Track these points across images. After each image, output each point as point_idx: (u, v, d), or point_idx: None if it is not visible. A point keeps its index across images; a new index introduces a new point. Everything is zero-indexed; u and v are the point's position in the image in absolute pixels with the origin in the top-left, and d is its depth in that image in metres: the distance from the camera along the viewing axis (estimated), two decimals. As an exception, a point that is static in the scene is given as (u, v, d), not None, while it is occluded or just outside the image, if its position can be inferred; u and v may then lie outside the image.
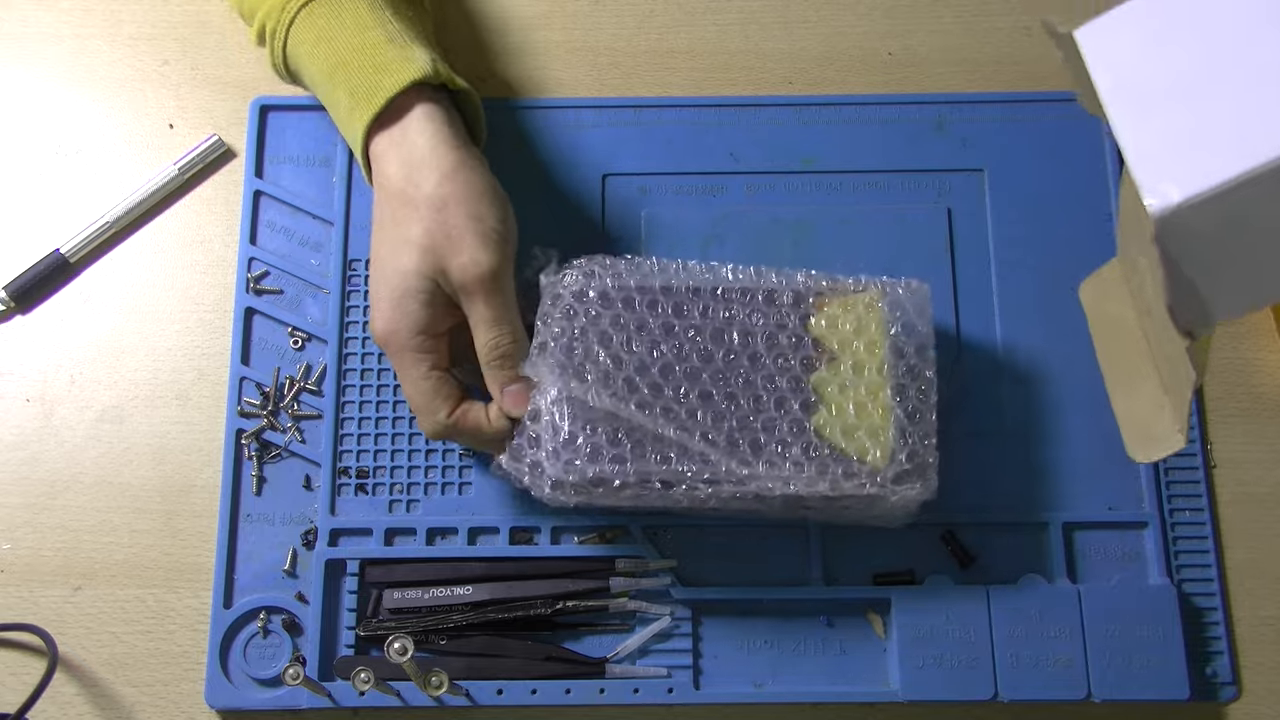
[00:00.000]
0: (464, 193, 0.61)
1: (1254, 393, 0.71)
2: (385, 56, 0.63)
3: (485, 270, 0.60)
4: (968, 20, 0.78)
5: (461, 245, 0.60)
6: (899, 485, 0.62)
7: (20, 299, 0.72)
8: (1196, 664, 0.66)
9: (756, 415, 0.62)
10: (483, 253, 0.60)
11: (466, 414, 0.63)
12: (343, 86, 0.63)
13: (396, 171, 0.62)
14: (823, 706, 0.66)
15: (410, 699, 0.64)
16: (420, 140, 0.62)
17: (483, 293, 0.61)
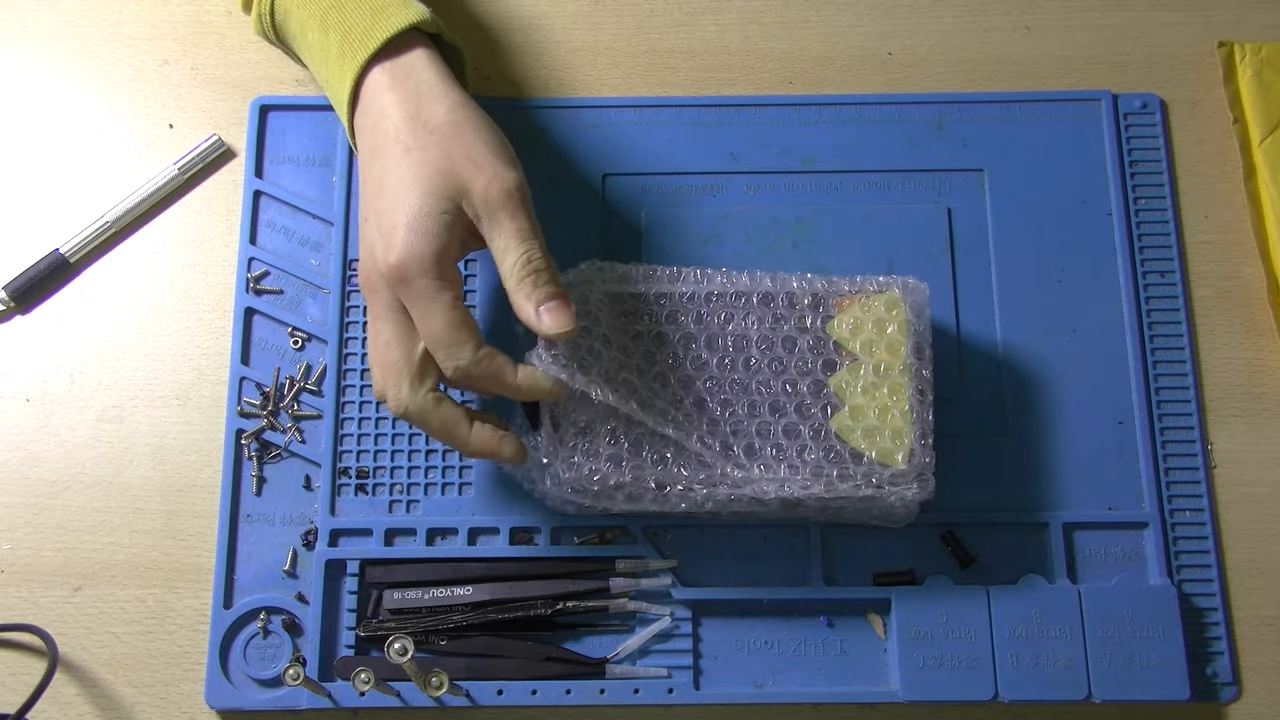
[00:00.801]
0: (478, 120, 0.61)
1: (1254, 393, 0.71)
2: (379, 2, 0.63)
3: (511, 184, 0.60)
4: (968, 20, 0.78)
5: (483, 164, 0.60)
6: (895, 486, 0.62)
7: (20, 299, 0.72)
8: (1196, 664, 0.66)
9: (751, 419, 0.63)
10: (507, 169, 0.60)
11: (494, 356, 0.59)
12: (336, 29, 0.63)
13: (398, 106, 0.61)
14: (823, 707, 0.66)
15: (410, 699, 0.64)
16: (426, 75, 0.62)
17: (510, 207, 0.59)
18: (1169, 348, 0.71)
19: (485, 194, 0.59)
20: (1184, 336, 0.71)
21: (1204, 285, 0.73)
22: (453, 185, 0.59)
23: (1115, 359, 0.71)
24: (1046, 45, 0.78)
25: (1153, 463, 0.69)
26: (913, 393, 0.63)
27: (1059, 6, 0.78)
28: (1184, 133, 0.75)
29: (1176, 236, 0.73)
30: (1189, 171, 0.75)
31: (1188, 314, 0.72)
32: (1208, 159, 0.75)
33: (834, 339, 0.65)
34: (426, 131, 0.60)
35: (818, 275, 0.66)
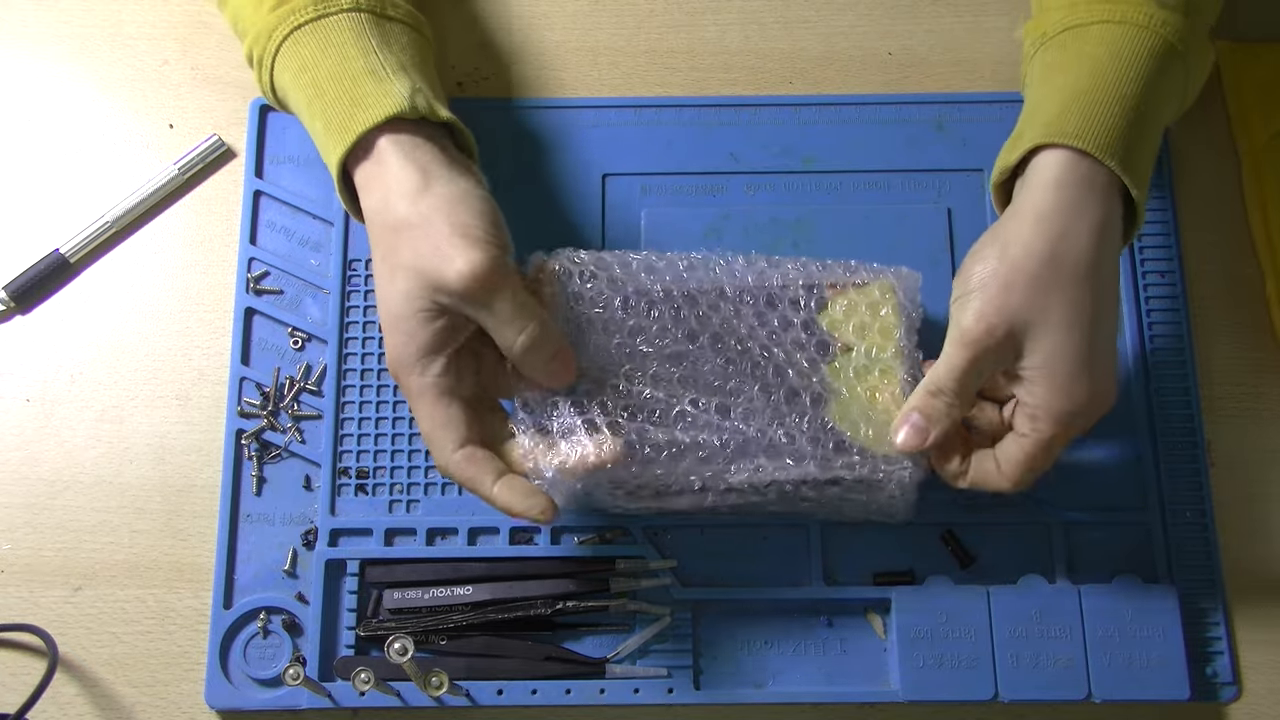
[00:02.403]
0: (439, 204, 0.59)
1: (1254, 393, 0.71)
2: (362, 90, 0.61)
3: (482, 269, 0.58)
4: (968, 20, 0.78)
5: (450, 255, 0.58)
6: (890, 465, 0.61)
7: (20, 299, 0.72)
8: (1196, 664, 0.66)
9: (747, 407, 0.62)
10: (475, 253, 0.58)
11: (470, 462, 0.59)
12: (319, 118, 0.62)
13: (374, 204, 0.61)
14: (823, 706, 0.66)
15: (410, 699, 0.64)
16: (394, 168, 0.60)
17: (488, 293, 0.58)
18: (1169, 347, 0.71)
19: (460, 284, 0.58)
20: (1184, 336, 0.71)
21: (1204, 285, 0.73)
22: (424, 283, 0.58)
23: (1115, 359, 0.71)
24: (1046, 45, 0.77)
25: (1152, 463, 0.69)
26: (905, 377, 0.63)
27: (1059, 6, 0.78)
28: (1184, 133, 0.75)
29: (1176, 236, 0.73)
30: (1189, 171, 0.75)
31: (1187, 314, 0.72)
32: (1208, 159, 0.75)
33: (826, 325, 0.64)
34: (392, 232, 0.59)
35: (812, 259, 0.66)
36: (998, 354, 0.59)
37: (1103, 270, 0.58)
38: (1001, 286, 0.58)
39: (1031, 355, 0.58)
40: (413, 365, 0.59)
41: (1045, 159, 0.59)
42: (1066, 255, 0.58)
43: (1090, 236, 0.58)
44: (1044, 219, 0.58)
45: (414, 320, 0.59)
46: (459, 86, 0.76)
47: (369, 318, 0.71)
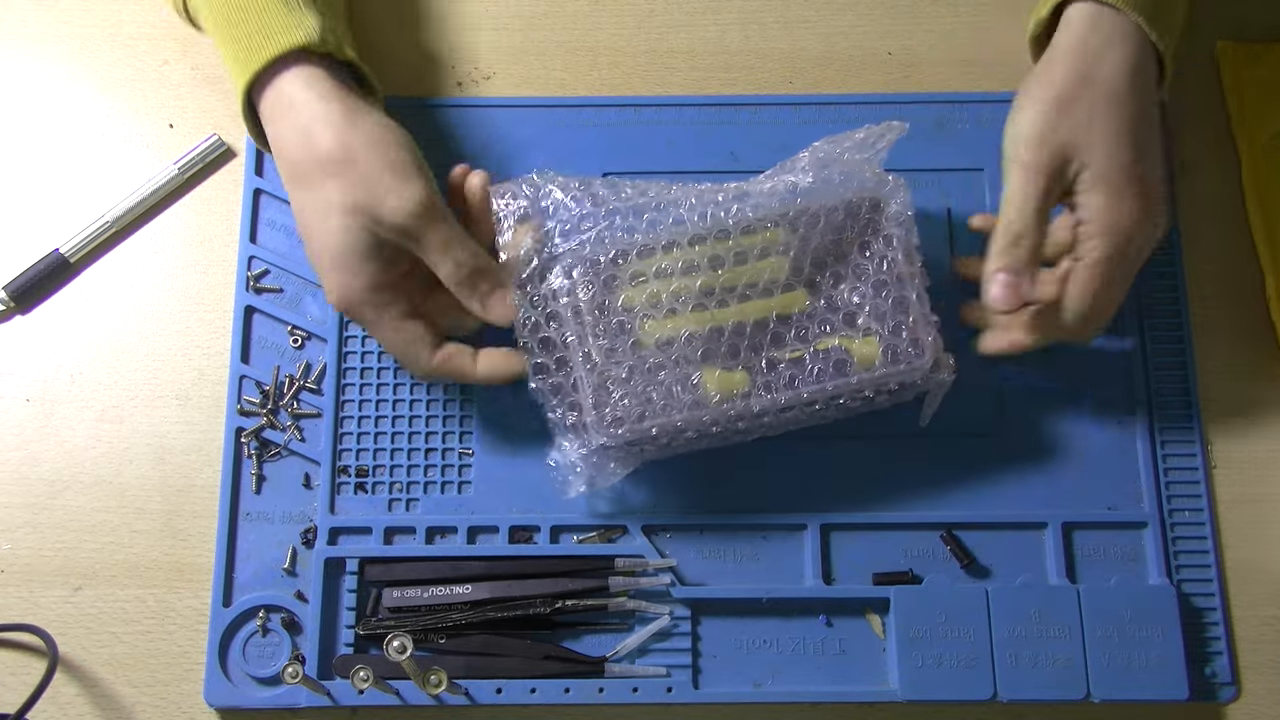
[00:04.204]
0: (366, 138, 0.60)
1: (1253, 393, 0.71)
2: (271, 18, 0.62)
3: (417, 203, 0.60)
4: (968, 20, 0.78)
5: (383, 189, 0.59)
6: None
7: (20, 299, 0.72)
8: (1196, 664, 0.66)
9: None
10: (408, 187, 0.60)
11: (450, 358, 0.63)
12: (229, 43, 0.63)
13: (290, 136, 0.61)
14: (822, 706, 0.66)
15: (409, 697, 0.64)
16: (305, 100, 0.61)
17: (425, 224, 0.60)
18: (1169, 348, 0.71)
19: (395, 218, 0.60)
20: (1184, 337, 0.71)
21: (1204, 285, 0.73)
22: (359, 218, 0.60)
23: (1115, 359, 0.71)
24: (1046, 45, 0.77)
25: (1152, 463, 0.69)
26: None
27: (1059, 6, 0.78)
28: (1184, 133, 0.75)
29: (1176, 236, 0.73)
30: (1189, 172, 0.75)
31: (1188, 314, 0.72)
32: (1208, 159, 0.75)
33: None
34: (319, 166, 0.60)
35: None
36: (1060, 179, 0.62)
37: (1140, 98, 0.63)
38: (1049, 110, 0.62)
39: (1086, 170, 0.61)
40: (365, 300, 0.61)
41: (1075, 11, 0.64)
42: (1102, 79, 0.62)
43: (1123, 65, 0.63)
44: (1077, 52, 0.63)
45: (358, 257, 0.61)
46: (459, 86, 0.76)
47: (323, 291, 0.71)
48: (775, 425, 0.65)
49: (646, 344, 0.62)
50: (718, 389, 0.62)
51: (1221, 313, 0.72)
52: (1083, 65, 0.62)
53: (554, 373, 0.63)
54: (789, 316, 0.64)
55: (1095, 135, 0.61)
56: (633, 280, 0.63)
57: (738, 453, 0.69)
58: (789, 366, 0.63)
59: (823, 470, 0.69)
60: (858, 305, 0.64)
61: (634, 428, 0.62)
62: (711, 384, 0.62)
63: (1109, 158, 0.61)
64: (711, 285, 0.63)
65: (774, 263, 0.64)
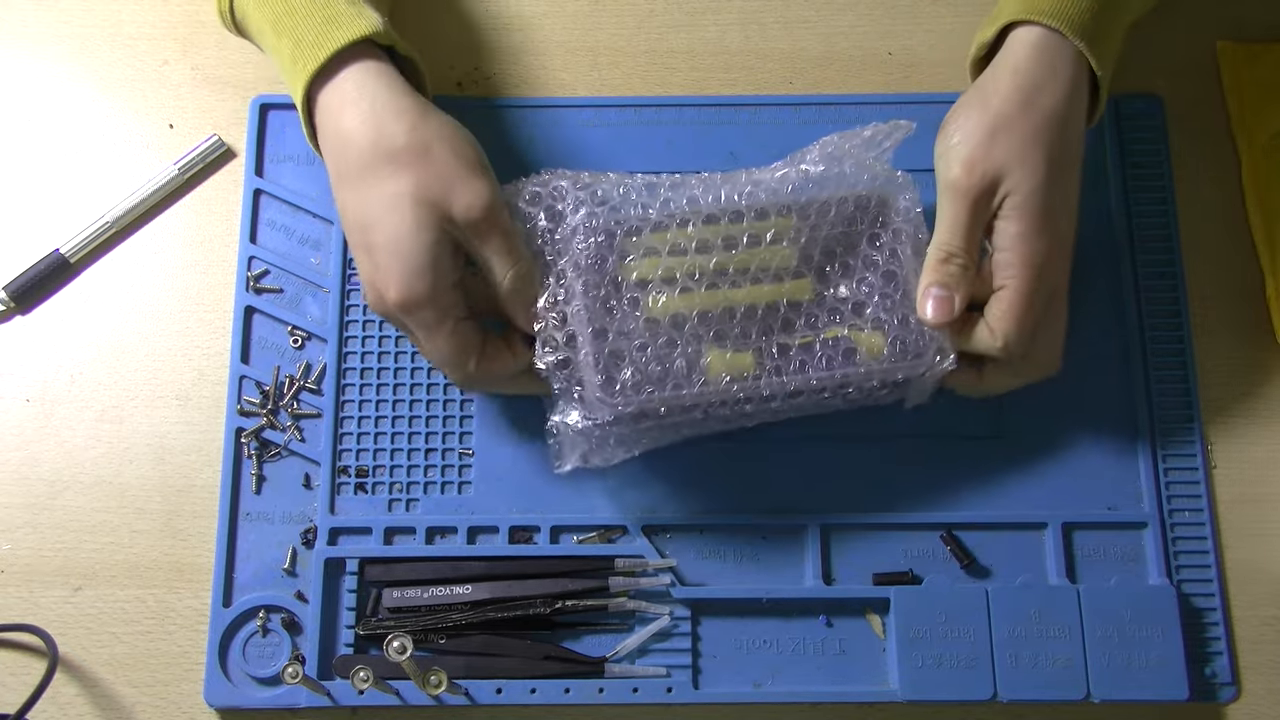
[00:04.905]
0: (440, 133, 0.60)
1: (1253, 393, 0.71)
2: (336, 9, 0.61)
3: (489, 202, 0.59)
4: (968, 20, 0.78)
5: (458, 185, 0.59)
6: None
7: (20, 299, 0.72)
8: (1196, 664, 0.66)
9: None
10: (480, 183, 0.59)
11: (493, 358, 0.62)
12: (289, 35, 0.62)
13: (358, 125, 0.60)
14: (822, 706, 0.66)
15: (409, 698, 0.64)
16: (375, 90, 0.60)
17: (492, 225, 0.60)
18: (1169, 348, 0.71)
19: (468, 216, 0.59)
20: (1184, 337, 0.71)
21: (1204, 285, 0.73)
22: (433, 213, 0.59)
23: (1115, 359, 0.71)
24: (1046, 45, 0.77)
25: (1152, 463, 0.69)
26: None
27: (1058, 6, 0.78)
28: (1184, 133, 0.75)
29: (1176, 236, 0.73)
30: (1189, 171, 0.75)
31: (1188, 314, 0.72)
32: (1208, 159, 0.75)
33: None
34: (390, 158, 0.59)
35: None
36: (987, 201, 0.62)
37: (1074, 130, 0.63)
38: (985, 134, 0.62)
39: (1011, 196, 0.61)
40: (430, 300, 0.60)
41: (1020, 34, 0.64)
42: (1042, 105, 0.62)
43: (1062, 91, 0.63)
44: (1020, 74, 0.63)
45: (429, 253, 0.59)
46: (459, 86, 0.76)
47: (369, 316, 0.71)
48: (781, 410, 0.64)
49: (656, 319, 0.62)
50: (725, 369, 0.62)
51: (1221, 313, 0.72)
52: (1024, 90, 0.62)
53: (563, 347, 0.62)
54: (798, 304, 0.63)
55: (1026, 164, 0.61)
56: (645, 255, 0.63)
57: (738, 453, 0.69)
58: (798, 352, 0.63)
59: (823, 470, 0.69)
60: (866, 296, 0.64)
61: (637, 400, 0.61)
62: (719, 364, 0.62)
63: (1033, 191, 0.61)
64: (725, 265, 0.63)
65: (784, 250, 0.63)
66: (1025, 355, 0.63)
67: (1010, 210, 0.62)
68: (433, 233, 0.59)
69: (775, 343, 0.63)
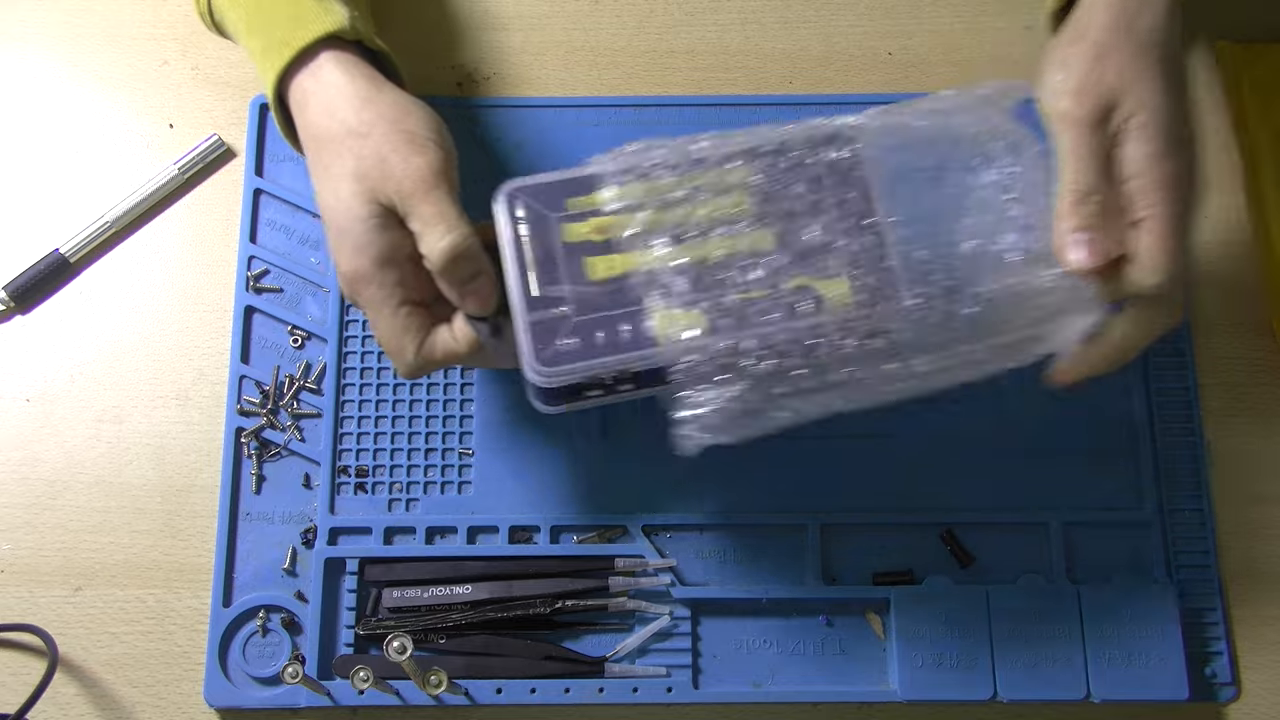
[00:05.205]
0: (387, 113, 0.59)
1: (1254, 393, 0.71)
2: (303, 7, 0.62)
3: (420, 169, 0.57)
4: (968, 20, 0.78)
5: (392, 158, 0.58)
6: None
7: (20, 299, 0.72)
8: (1196, 664, 0.66)
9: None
10: (414, 156, 0.58)
11: (434, 344, 0.59)
12: (259, 35, 0.62)
13: (317, 116, 0.60)
14: (822, 706, 0.66)
15: (409, 698, 0.64)
16: (335, 78, 0.60)
17: (420, 192, 0.57)
18: (1169, 348, 0.71)
19: (398, 188, 0.58)
20: (1184, 337, 0.71)
21: (1204, 285, 0.73)
22: (368, 189, 0.58)
23: (1115, 359, 0.71)
24: (1046, 45, 0.77)
25: (1152, 463, 0.69)
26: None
27: (1058, 6, 0.78)
28: (1184, 133, 0.75)
29: (1176, 236, 0.73)
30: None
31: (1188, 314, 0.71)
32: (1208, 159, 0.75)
33: None
34: (337, 142, 0.59)
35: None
36: (1103, 128, 0.59)
37: (1176, 45, 0.60)
38: (1089, 61, 0.59)
39: (1135, 116, 0.58)
40: (369, 277, 0.58)
41: None
42: (1143, 27, 0.59)
43: (1163, 14, 0.60)
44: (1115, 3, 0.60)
45: (362, 228, 0.58)
46: (459, 86, 0.77)
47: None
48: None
49: (600, 282, 0.58)
50: (672, 329, 0.56)
51: (1221, 313, 0.72)
52: (1121, 15, 0.60)
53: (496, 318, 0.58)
54: (753, 255, 0.58)
55: (1142, 83, 0.58)
56: (582, 217, 0.59)
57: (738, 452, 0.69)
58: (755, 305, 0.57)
59: (823, 470, 0.69)
60: (829, 246, 0.58)
61: (573, 368, 0.56)
62: (665, 324, 0.56)
63: (1158, 107, 0.58)
64: (675, 220, 0.58)
65: (738, 201, 0.59)
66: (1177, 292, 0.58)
67: (1136, 130, 0.58)
68: (368, 207, 0.58)
69: (729, 297, 0.57)
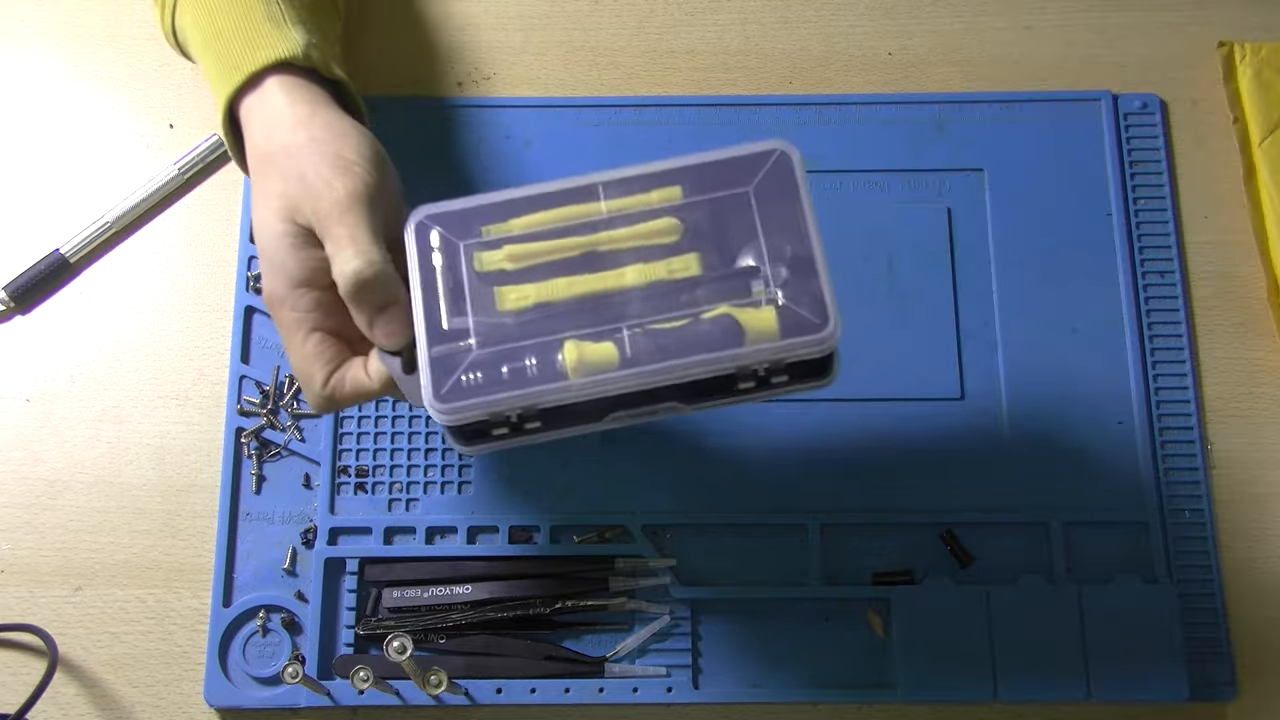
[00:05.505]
0: (318, 135, 0.58)
1: (1254, 393, 0.71)
2: (259, 33, 0.61)
3: (339, 194, 0.55)
4: (968, 20, 0.78)
5: (313, 181, 0.56)
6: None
7: (20, 299, 0.72)
8: (1196, 664, 0.66)
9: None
10: (336, 179, 0.55)
11: (344, 378, 0.56)
12: (214, 58, 0.62)
13: (257, 137, 0.59)
14: (822, 706, 0.66)
15: (409, 698, 0.64)
16: (276, 102, 0.59)
17: (335, 216, 0.55)
18: (1169, 348, 0.71)
19: (314, 208, 0.56)
20: (1184, 336, 0.71)
21: (1204, 285, 0.73)
22: (286, 208, 0.57)
23: (1115, 359, 0.71)
24: (1046, 45, 0.78)
25: (1152, 463, 0.69)
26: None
27: (1059, 6, 0.78)
28: (1184, 133, 0.75)
29: (1176, 236, 0.73)
30: (1189, 171, 0.75)
31: (1187, 314, 0.72)
32: (1208, 159, 0.75)
33: None
34: (266, 160, 0.58)
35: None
36: None
37: None
38: None
39: None
40: (282, 299, 0.56)
41: None
42: None
43: None
44: None
45: (277, 246, 0.56)
46: (459, 86, 0.77)
47: None
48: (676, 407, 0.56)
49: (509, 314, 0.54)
50: (582, 363, 0.53)
51: (1221, 313, 0.72)
52: None
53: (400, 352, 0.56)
54: (675, 283, 0.55)
55: None
56: (495, 244, 0.56)
57: (738, 452, 0.69)
58: (668, 338, 0.54)
59: (823, 470, 0.69)
60: (752, 271, 0.56)
61: (476, 404, 0.53)
62: (574, 356, 0.53)
63: None
64: (593, 245, 0.56)
65: (661, 224, 0.56)
66: None
67: None
68: (284, 225, 0.56)
69: (645, 328, 0.55)
